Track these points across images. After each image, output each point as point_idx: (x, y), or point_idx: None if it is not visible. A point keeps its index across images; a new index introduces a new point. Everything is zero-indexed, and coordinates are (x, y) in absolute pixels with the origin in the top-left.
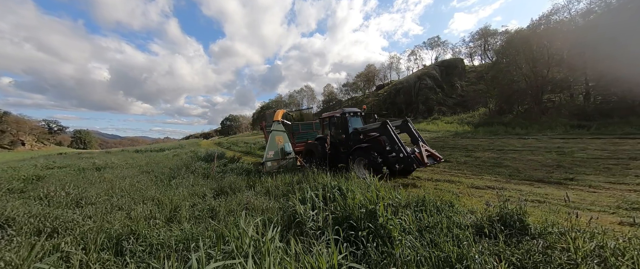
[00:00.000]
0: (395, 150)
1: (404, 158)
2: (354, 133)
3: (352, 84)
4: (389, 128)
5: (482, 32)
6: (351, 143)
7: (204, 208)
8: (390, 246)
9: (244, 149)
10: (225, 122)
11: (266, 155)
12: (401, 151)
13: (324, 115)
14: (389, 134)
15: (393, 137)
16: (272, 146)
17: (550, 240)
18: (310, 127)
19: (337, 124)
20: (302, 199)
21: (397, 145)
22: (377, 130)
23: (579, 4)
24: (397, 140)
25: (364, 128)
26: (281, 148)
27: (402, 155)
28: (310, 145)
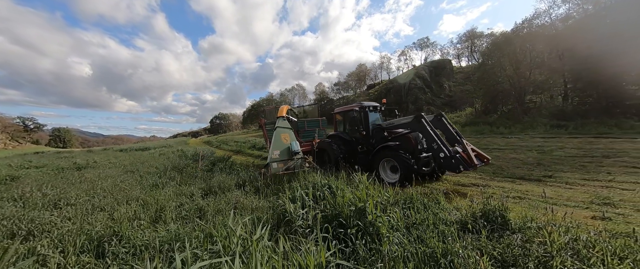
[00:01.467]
0: (433, 148)
1: (446, 159)
2: (376, 129)
3: (344, 83)
4: (425, 123)
5: (469, 34)
6: (373, 142)
7: (192, 208)
8: (379, 243)
9: (234, 148)
10: (215, 120)
11: (271, 155)
12: (441, 151)
13: (338, 109)
14: (425, 130)
15: (430, 134)
16: (278, 145)
17: (529, 234)
18: (316, 124)
19: (355, 119)
20: (293, 198)
21: (435, 142)
22: (409, 126)
23: (559, 9)
24: (436, 137)
25: (390, 123)
26: (287, 147)
27: (442, 155)
28: (323, 143)
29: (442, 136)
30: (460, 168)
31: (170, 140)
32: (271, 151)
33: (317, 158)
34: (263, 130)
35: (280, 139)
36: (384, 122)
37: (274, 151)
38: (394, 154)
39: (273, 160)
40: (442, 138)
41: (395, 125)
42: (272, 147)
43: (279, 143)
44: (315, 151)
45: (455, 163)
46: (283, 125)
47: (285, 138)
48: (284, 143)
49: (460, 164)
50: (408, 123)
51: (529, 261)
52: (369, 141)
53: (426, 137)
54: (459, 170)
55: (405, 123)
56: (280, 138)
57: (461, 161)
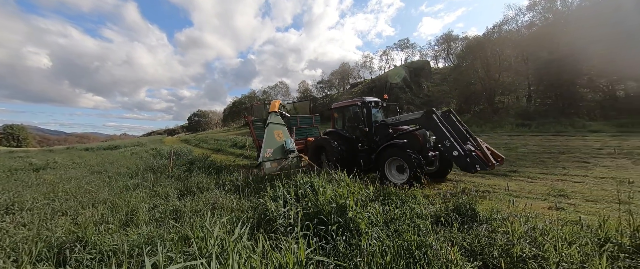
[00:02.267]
0: (446, 146)
1: (460, 157)
2: (381, 126)
3: (327, 82)
4: (436, 119)
5: (446, 37)
6: (377, 139)
7: (167, 210)
8: (358, 238)
9: (214, 146)
10: (193, 117)
11: (263, 153)
12: (455, 149)
13: (336, 104)
14: (437, 126)
15: (443, 130)
16: (271, 143)
17: (495, 225)
18: (309, 121)
19: (357, 115)
20: (274, 196)
21: (448, 140)
22: (418, 122)
23: (524, 16)
24: (449, 134)
25: (396, 119)
26: (281, 145)
27: (456, 154)
28: (321, 140)
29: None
30: (476, 167)
31: (144, 138)
32: (263, 150)
33: (313, 156)
34: (250, 128)
35: (273, 136)
36: (389, 118)
37: (267, 150)
38: (402, 153)
39: (266, 159)
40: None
41: (402, 122)
42: (264, 145)
43: (272, 140)
44: (311, 149)
45: (470, 162)
46: (276, 120)
47: (278, 135)
48: (277, 140)
49: (477, 163)
50: (417, 119)
51: (493, 250)
52: (372, 139)
53: (437, 134)
54: (475, 169)
55: (414, 119)
56: (273, 135)
57: (477, 160)
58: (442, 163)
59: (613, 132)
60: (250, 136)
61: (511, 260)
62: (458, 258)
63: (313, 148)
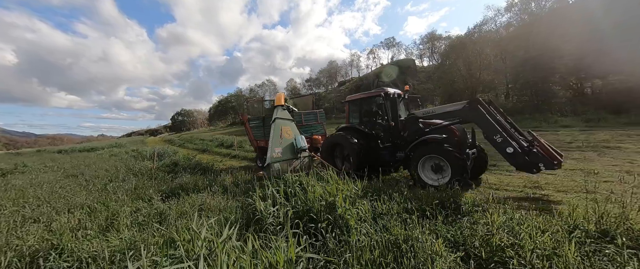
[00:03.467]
0: (496, 142)
1: (517, 155)
2: (410, 120)
3: (315, 79)
4: (483, 110)
5: (430, 36)
6: (405, 134)
7: (150, 213)
8: (347, 234)
9: (200, 146)
10: (177, 117)
11: (271, 153)
12: (508, 145)
13: (352, 97)
14: (484, 119)
15: (492, 123)
16: (279, 141)
17: (476, 217)
18: (313, 117)
19: (380, 107)
20: (263, 196)
21: (499, 134)
22: (458, 114)
23: (503, 17)
24: (499, 127)
25: (428, 112)
26: (291, 143)
27: (510, 151)
28: (337, 137)
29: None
30: (539, 166)
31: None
32: (271, 149)
33: (326, 155)
34: (246, 127)
35: (282, 133)
36: (419, 110)
37: (275, 149)
38: (441, 150)
39: (274, 159)
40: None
41: (436, 114)
42: (271, 144)
43: (281, 138)
44: (323, 147)
45: (530, 161)
46: (283, 115)
47: (287, 132)
48: (286, 138)
49: (540, 161)
50: (457, 111)
51: (475, 240)
52: (399, 135)
53: (485, 128)
54: (537, 168)
55: (453, 111)
56: (282, 132)
57: (540, 158)
58: (476, 163)
59: (582, 126)
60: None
61: (491, 249)
62: (442, 249)
63: (327, 146)
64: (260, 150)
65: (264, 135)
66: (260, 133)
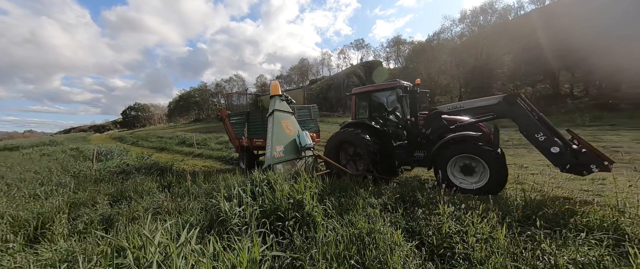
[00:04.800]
0: (538, 141)
1: (564, 156)
2: (433, 116)
3: (287, 77)
4: (523, 105)
5: (396, 40)
6: (428, 132)
7: (94, 219)
8: (314, 230)
9: (158, 144)
10: (129, 111)
11: (271, 152)
12: (553, 144)
13: (359, 89)
14: (523, 115)
15: (533, 120)
16: (280, 138)
17: (431, 209)
18: (307, 112)
19: (400, 102)
20: (229, 196)
21: (541, 133)
22: (493, 109)
23: (457, 27)
24: (543, 125)
25: (455, 107)
26: (293, 140)
27: (556, 151)
28: (348, 134)
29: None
30: (591, 168)
31: (60, 135)
32: (271, 147)
33: (331, 155)
34: (226, 124)
35: (282, 128)
36: (444, 105)
37: (276, 147)
38: (479, 149)
39: (277, 160)
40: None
41: (464, 109)
42: (271, 141)
43: (281, 133)
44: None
45: (580, 162)
46: (282, 107)
47: (287, 126)
48: (287, 134)
49: (592, 163)
50: (493, 105)
51: (429, 229)
52: (420, 132)
53: (526, 125)
54: (590, 170)
55: (486, 106)
56: (282, 127)
57: (592, 159)
58: None
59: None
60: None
61: (441, 236)
62: (401, 239)
63: (333, 145)
64: (243, 150)
65: (248, 132)
66: (243, 130)
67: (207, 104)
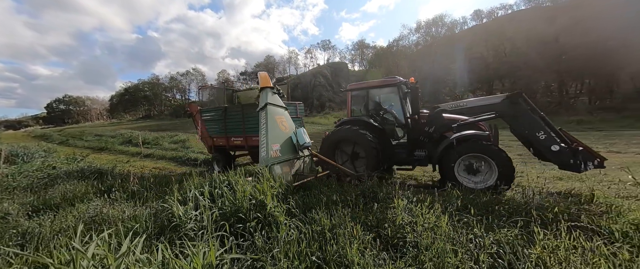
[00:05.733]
0: (539, 140)
1: (562, 153)
2: (436, 114)
3: (251, 73)
4: (525, 104)
5: (360, 44)
6: (431, 130)
7: (4, 235)
8: (277, 230)
9: (96, 144)
10: (57, 105)
11: (267, 152)
12: (554, 142)
13: (357, 85)
14: (526, 115)
15: (536, 119)
16: (276, 135)
17: (388, 204)
18: (293, 109)
19: (405, 99)
20: (183, 199)
21: (542, 131)
22: (495, 108)
23: (413, 36)
24: (545, 124)
25: (457, 105)
26: (289, 138)
27: (556, 149)
28: (348, 132)
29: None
30: (588, 165)
31: None
32: (266, 146)
33: (327, 155)
34: (196, 121)
35: (277, 124)
36: (447, 104)
37: (272, 146)
38: (488, 149)
39: (274, 160)
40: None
41: (467, 108)
42: (267, 138)
43: (276, 130)
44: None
45: (579, 160)
46: (274, 101)
47: (282, 123)
48: (282, 131)
49: (588, 160)
50: (496, 104)
51: (385, 222)
52: (422, 130)
53: (528, 124)
54: (586, 167)
55: (489, 105)
56: (277, 123)
57: (589, 157)
58: None
59: None
60: (149, 131)
61: (395, 228)
62: (360, 232)
63: (329, 144)
64: (218, 150)
65: (226, 130)
66: (219, 128)
67: (159, 99)
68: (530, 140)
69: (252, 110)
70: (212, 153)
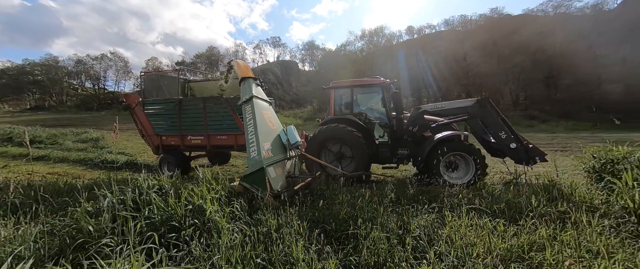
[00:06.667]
0: (501, 138)
1: (518, 150)
2: (418, 115)
3: (191, 64)
4: (491, 108)
5: (310, 44)
6: (415, 130)
7: None
8: (218, 236)
9: None
10: None
11: (258, 152)
12: (512, 141)
13: (341, 83)
14: (492, 116)
15: (499, 121)
16: (265, 132)
17: (333, 200)
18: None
19: (394, 98)
20: (96, 211)
21: (504, 131)
22: (467, 111)
23: (359, 43)
24: (505, 125)
25: (437, 107)
26: (278, 136)
27: (514, 146)
28: (338, 131)
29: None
30: (536, 159)
31: None
32: (258, 145)
33: (313, 154)
34: (137, 115)
35: (265, 120)
36: (427, 105)
37: (263, 144)
38: (469, 147)
39: (268, 160)
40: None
41: (445, 110)
42: (256, 137)
43: (265, 128)
44: (308, 144)
45: (530, 155)
46: (259, 94)
47: (269, 119)
48: (270, 128)
49: (537, 155)
50: (466, 107)
51: (330, 217)
52: (407, 129)
53: (492, 125)
54: (535, 161)
55: (462, 108)
56: (265, 119)
57: (537, 152)
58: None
59: None
60: (42, 125)
61: (338, 222)
62: (306, 229)
63: (317, 143)
64: (168, 151)
65: (181, 127)
66: (169, 124)
67: (59, 86)
68: (489, 139)
69: (218, 105)
70: (158, 154)
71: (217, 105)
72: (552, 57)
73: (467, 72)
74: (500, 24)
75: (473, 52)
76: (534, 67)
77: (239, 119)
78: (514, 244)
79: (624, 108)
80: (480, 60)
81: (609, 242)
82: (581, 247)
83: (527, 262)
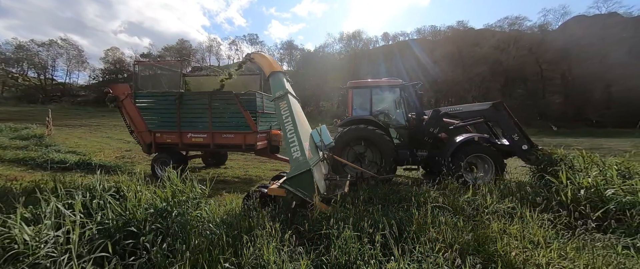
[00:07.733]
0: (514, 140)
1: (529, 151)
2: (436, 116)
3: (158, 56)
4: (505, 112)
5: (289, 44)
6: (435, 131)
7: None
8: (183, 241)
9: None
10: None
11: (302, 151)
12: (524, 142)
13: (360, 83)
14: (506, 119)
15: (511, 124)
16: (305, 132)
17: None
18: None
19: (418, 99)
20: (35, 217)
21: (517, 133)
22: (483, 113)
23: (337, 45)
24: (517, 128)
25: (456, 109)
26: (311, 136)
27: (526, 148)
28: (365, 132)
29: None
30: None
31: None
32: (300, 145)
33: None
34: (126, 109)
35: (300, 120)
36: (446, 107)
37: (304, 145)
38: (489, 149)
39: (312, 161)
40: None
41: (463, 112)
42: (298, 135)
43: (303, 126)
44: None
45: (537, 156)
46: (291, 89)
47: (303, 117)
48: (305, 128)
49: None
50: (483, 110)
51: (304, 218)
52: (428, 131)
53: (507, 127)
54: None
55: (479, 111)
56: (299, 118)
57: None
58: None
59: None
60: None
61: (312, 222)
62: (278, 231)
63: (342, 144)
64: (163, 150)
65: (180, 124)
66: (165, 120)
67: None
68: (493, 140)
69: (227, 100)
70: (150, 153)
71: (226, 101)
72: (507, 69)
73: (436, 79)
74: (464, 36)
75: (442, 60)
76: (492, 77)
77: (250, 117)
78: (470, 238)
79: (562, 116)
80: (448, 69)
81: (547, 233)
82: (525, 239)
83: (481, 254)
